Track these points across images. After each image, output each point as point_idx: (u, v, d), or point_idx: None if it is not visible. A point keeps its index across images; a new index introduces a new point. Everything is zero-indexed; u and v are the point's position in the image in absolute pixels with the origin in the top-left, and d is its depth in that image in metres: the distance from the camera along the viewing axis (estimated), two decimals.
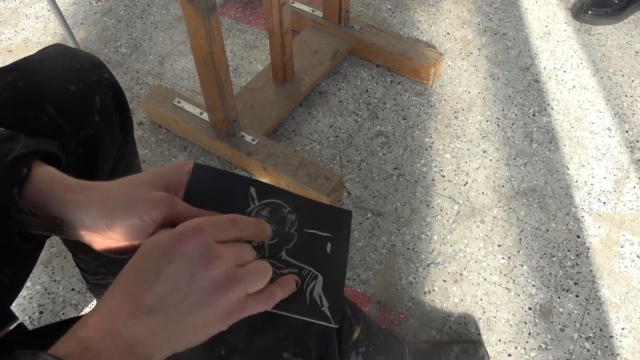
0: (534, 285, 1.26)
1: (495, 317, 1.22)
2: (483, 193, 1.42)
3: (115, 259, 1.01)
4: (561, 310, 1.23)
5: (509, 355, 1.17)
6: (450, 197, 1.41)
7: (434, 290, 1.26)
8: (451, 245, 1.33)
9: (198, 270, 0.43)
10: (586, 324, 1.21)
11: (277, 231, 0.54)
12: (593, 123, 1.56)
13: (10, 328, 0.67)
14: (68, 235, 0.52)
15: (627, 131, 1.54)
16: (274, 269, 0.51)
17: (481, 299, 1.24)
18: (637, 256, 1.30)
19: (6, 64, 0.69)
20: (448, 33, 1.81)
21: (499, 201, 1.40)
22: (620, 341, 1.18)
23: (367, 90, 1.65)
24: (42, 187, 0.51)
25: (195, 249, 0.43)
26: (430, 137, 1.54)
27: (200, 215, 0.50)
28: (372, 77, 1.68)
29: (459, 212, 1.39)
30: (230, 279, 0.44)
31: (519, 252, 1.31)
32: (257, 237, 0.49)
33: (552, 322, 1.21)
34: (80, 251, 0.95)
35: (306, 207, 0.56)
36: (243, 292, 0.45)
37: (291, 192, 0.56)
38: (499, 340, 1.19)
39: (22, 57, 0.70)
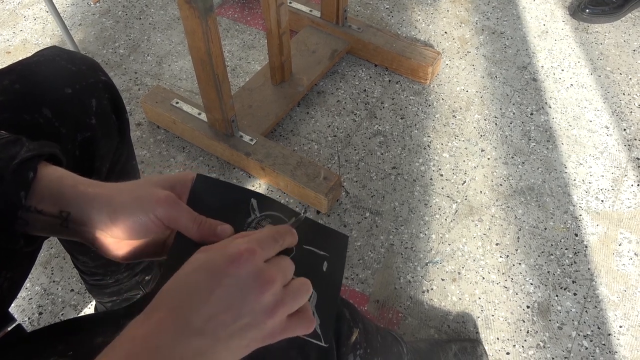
0: (532, 284, 1.26)
1: (493, 315, 1.22)
2: (481, 192, 1.42)
3: (114, 261, 1.01)
4: (559, 308, 1.23)
5: (507, 353, 1.17)
6: (448, 196, 1.42)
7: (432, 289, 1.27)
8: (449, 244, 1.33)
9: (250, 293, 0.43)
10: (584, 322, 1.21)
11: None
12: (591, 121, 1.56)
13: (8, 329, 0.67)
14: (71, 232, 0.52)
15: (624, 129, 1.54)
16: None
17: (479, 298, 1.25)
18: (635, 254, 1.30)
19: (4, 65, 0.69)
20: (446, 32, 1.81)
21: (497, 200, 1.41)
22: (618, 339, 1.19)
23: (365, 90, 1.65)
24: (51, 183, 0.52)
25: (249, 272, 0.43)
26: (429, 136, 1.54)
27: (199, 221, 0.51)
28: (370, 77, 1.69)
29: (457, 211, 1.39)
30: (278, 302, 0.44)
31: (517, 250, 1.32)
32: (292, 244, 0.50)
33: (550, 320, 1.21)
34: (79, 252, 0.95)
35: (305, 224, 0.55)
36: (287, 313, 0.45)
37: (291, 208, 0.56)
38: (497, 339, 1.19)
39: (20, 58, 0.70)
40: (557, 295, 1.25)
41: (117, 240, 0.52)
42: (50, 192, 0.51)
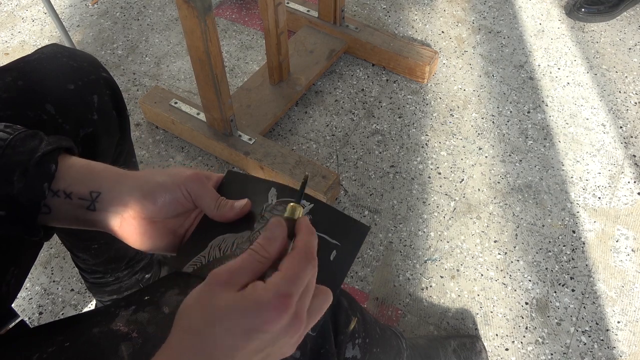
0: (530, 280, 1.27)
1: (492, 312, 1.23)
2: (479, 190, 1.43)
3: (115, 257, 1.02)
4: (557, 304, 1.24)
5: (506, 349, 1.18)
6: (446, 194, 1.42)
7: (431, 286, 1.27)
8: (448, 242, 1.34)
9: (282, 340, 0.42)
10: (582, 318, 1.22)
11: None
12: (587, 119, 1.57)
13: (11, 325, 0.68)
14: (95, 218, 0.53)
15: (621, 127, 1.55)
16: None
17: (478, 295, 1.25)
18: (632, 250, 1.31)
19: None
20: (443, 32, 1.82)
21: (494, 197, 1.41)
22: (616, 334, 1.19)
23: (362, 89, 1.66)
24: (81, 166, 0.54)
25: (283, 324, 0.42)
26: (426, 134, 1.55)
27: (220, 201, 0.54)
28: (368, 76, 1.69)
29: (455, 208, 1.40)
30: (301, 335, 0.44)
31: (515, 247, 1.32)
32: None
33: (548, 317, 1.22)
34: (79, 250, 0.96)
35: (324, 211, 0.56)
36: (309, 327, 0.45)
37: (314, 197, 0.57)
38: (496, 335, 1.20)
39: None
40: (555, 292, 1.25)
41: (142, 224, 0.53)
42: (80, 174, 0.53)
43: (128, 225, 0.53)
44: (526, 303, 1.24)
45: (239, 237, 0.56)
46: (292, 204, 0.50)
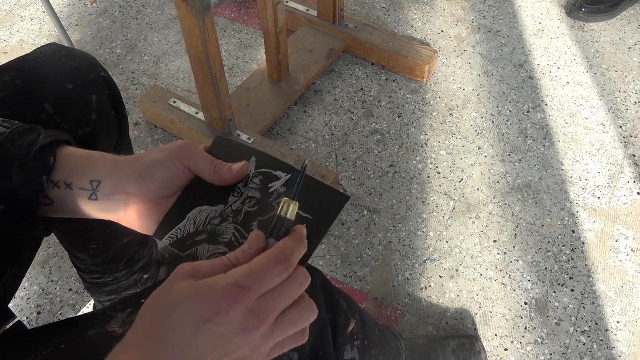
0: (529, 280, 1.27)
1: (491, 312, 1.23)
2: (478, 189, 1.43)
3: (114, 257, 1.01)
4: (557, 304, 1.23)
5: (506, 349, 1.18)
6: (445, 194, 1.42)
7: (430, 286, 1.27)
8: (447, 242, 1.34)
9: (236, 337, 0.41)
10: (582, 318, 1.21)
11: (260, 200, 0.54)
12: (587, 119, 1.57)
13: (8, 326, 0.67)
14: (97, 207, 0.53)
15: (621, 126, 1.55)
16: (239, 237, 0.53)
17: (477, 295, 1.25)
18: (632, 250, 1.31)
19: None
20: (442, 31, 1.82)
21: (494, 197, 1.41)
22: (615, 334, 1.19)
23: (362, 89, 1.66)
24: (80, 157, 0.54)
25: (236, 318, 0.40)
26: (426, 134, 1.54)
27: (216, 164, 0.54)
28: (367, 76, 1.69)
29: (454, 208, 1.39)
30: (265, 336, 0.42)
31: (514, 247, 1.32)
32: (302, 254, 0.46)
33: (548, 317, 1.22)
34: (77, 250, 0.95)
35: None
36: (275, 342, 0.43)
37: (290, 165, 0.55)
38: (496, 335, 1.20)
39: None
40: (554, 292, 1.25)
41: (146, 208, 0.53)
42: (80, 164, 0.53)
43: (132, 211, 0.53)
44: (525, 303, 1.24)
45: (212, 211, 0.55)
46: (285, 199, 0.47)
